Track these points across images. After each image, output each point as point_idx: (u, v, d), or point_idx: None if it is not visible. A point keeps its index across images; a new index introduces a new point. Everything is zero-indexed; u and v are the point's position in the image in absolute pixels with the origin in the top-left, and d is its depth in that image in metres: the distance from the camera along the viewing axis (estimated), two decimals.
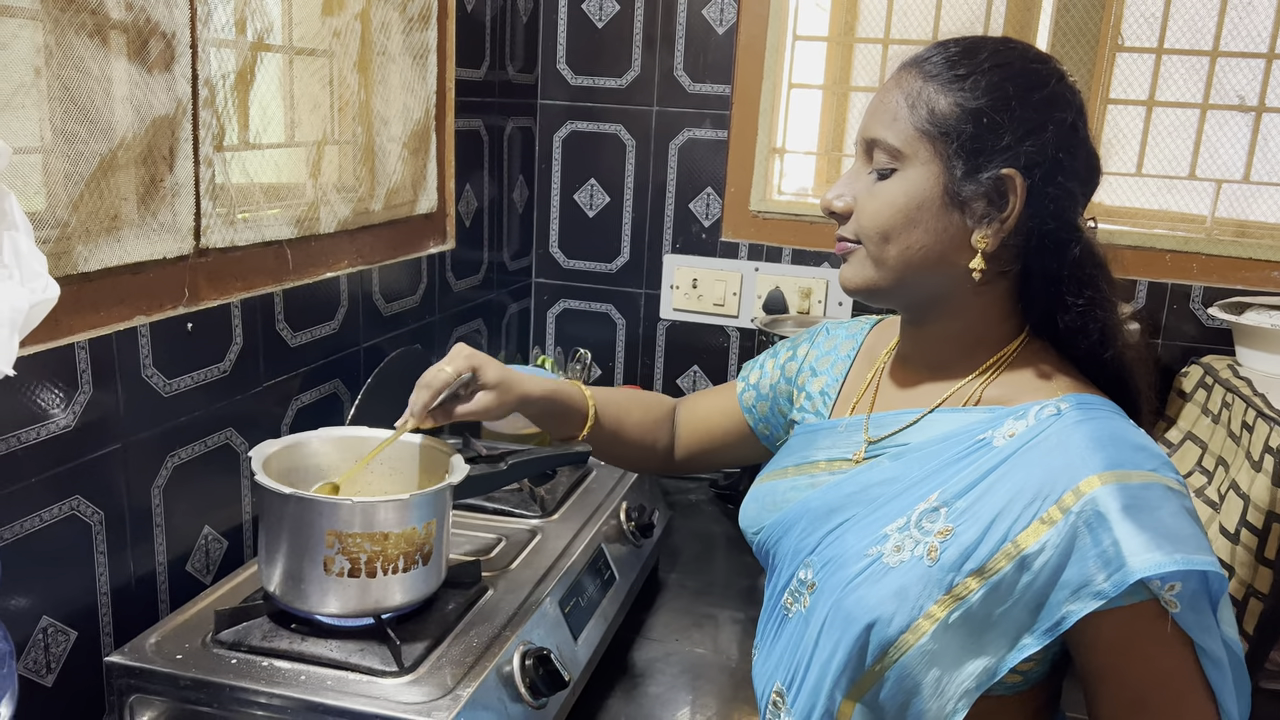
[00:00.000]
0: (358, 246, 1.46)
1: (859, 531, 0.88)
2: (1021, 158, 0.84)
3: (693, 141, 1.99)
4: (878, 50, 1.95)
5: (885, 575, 0.83)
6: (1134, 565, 0.74)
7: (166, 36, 1.06)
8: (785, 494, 0.99)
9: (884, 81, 0.92)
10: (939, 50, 0.88)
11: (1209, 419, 1.59)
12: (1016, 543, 0.78)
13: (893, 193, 0.87)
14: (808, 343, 1.14)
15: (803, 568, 0.92)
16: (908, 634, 0.81)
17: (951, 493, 0.84)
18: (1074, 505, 0.77)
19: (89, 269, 1.00)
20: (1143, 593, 0.75)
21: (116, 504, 1.07)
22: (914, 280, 0.89)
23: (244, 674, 0.97)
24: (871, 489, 0.90)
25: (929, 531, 0.83)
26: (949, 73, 0.86)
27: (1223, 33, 1.75)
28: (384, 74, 1.48)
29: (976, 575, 0.79)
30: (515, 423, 1.79)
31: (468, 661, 1.01)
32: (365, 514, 1.00)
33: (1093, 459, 0.78)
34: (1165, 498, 0.77)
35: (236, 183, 1.21)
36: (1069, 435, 0.81)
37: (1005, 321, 0.91)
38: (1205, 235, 1.80)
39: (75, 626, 1.03)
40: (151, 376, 1.09)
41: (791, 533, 0.95)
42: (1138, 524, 0.75)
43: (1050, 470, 0.79)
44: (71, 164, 0.98)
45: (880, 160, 0.88)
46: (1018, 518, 0.79)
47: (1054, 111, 0.85)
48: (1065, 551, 0.77)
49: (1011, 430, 0.84)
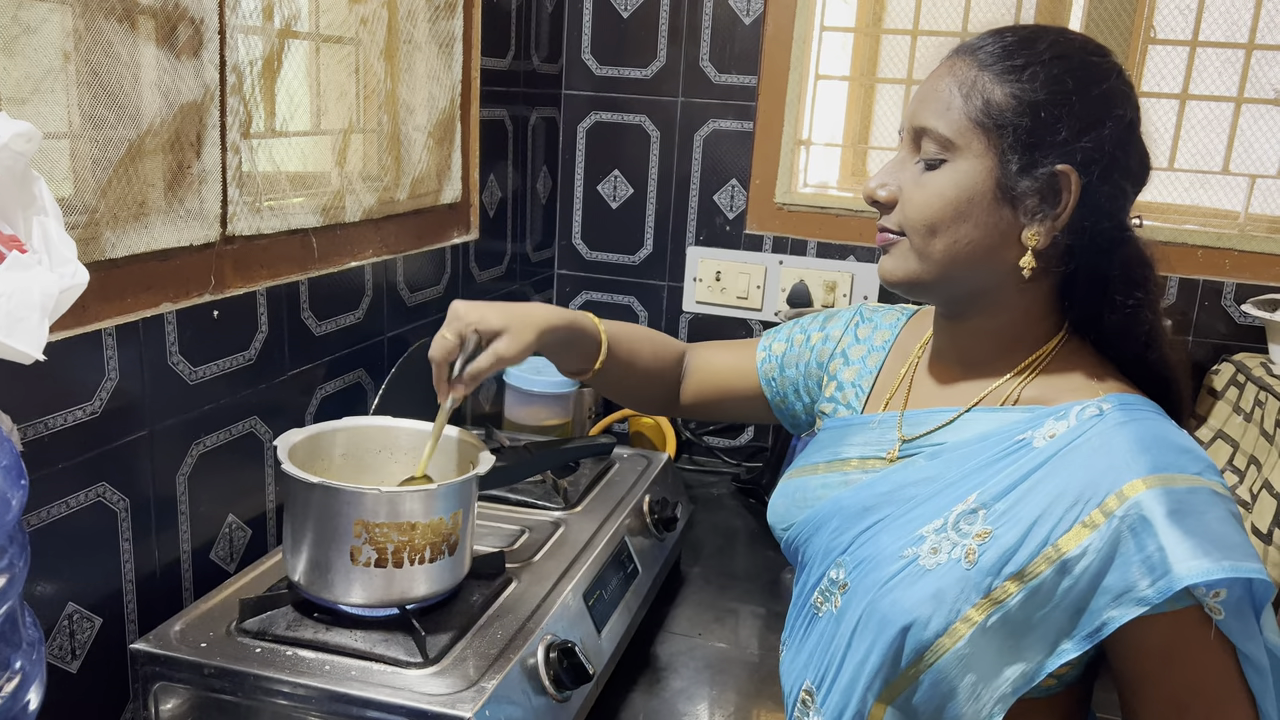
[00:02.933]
0: (382, 236, 1.46)
1: (894, 532, 0.86)
2: (1078, 154, 0.82)
3: (717, 133, 1.97)
4: (905, 42, 1.93)
5: (922, 577, 0.82)
6: (1180, 572, 0.72)
7: (195, 22, 1.06)
8: (817, 491, 0.97)
9: (935, 68, 0.89)
10: (994, 38, 0.86)
11: (1241, 417, 1.56)
12: (1057, 546, 0.77)
13: (942, 184, 0.84)
14: (841, 325, 1.10)
15: (834, 567, 0.90)
16: (944, 638, 0.79)
17: (990, 494, 0.82)
18: (1117, 509, 0.75)
19: (116, 255, 1.00)
20: (1186, 599, 0.74)
21: (142, 491, 1.07)
22: (958, 275, 0.87)
23: (268, 663, 0.97)
24: (907, 488, 0.88)
25: (967, 534, 0.81)
26: (1005, 62, 0.84)
27: (1259, 25, 1.72)
28: (410, 62, 1.47)
29: (1015, 579, 0.78)
30: (538, 414, 1.79)
31: (492, 654, 1.01)
32: (392, 504, 0.99)
33: (1137, 462, 0.77)
34: (1211, 502, 0.76)
35: (263, 170, 1.20)
36: (1112, 437, 0.79)
37: (1045, 319, 0.89)
38: (1238, 231, 1.77)
39: (100, 613, 1.03)
40: (177, 364, 1.09)
41: (823, 531, 0.93)
42: (1184, 529, 0.73)
43: (1093, 472, 0.78)
44: (100, 150, 0.97)
45: (929, 150, 0.85)
46: (1059, 521, 0.77)
47: (1113, 108, 0.83)
48: (1108, 556, 0.75)
49: (1052, 431, 0.82)
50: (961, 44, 0.88)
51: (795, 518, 0.99)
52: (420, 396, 1.48)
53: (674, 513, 1.45)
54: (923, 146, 0.86)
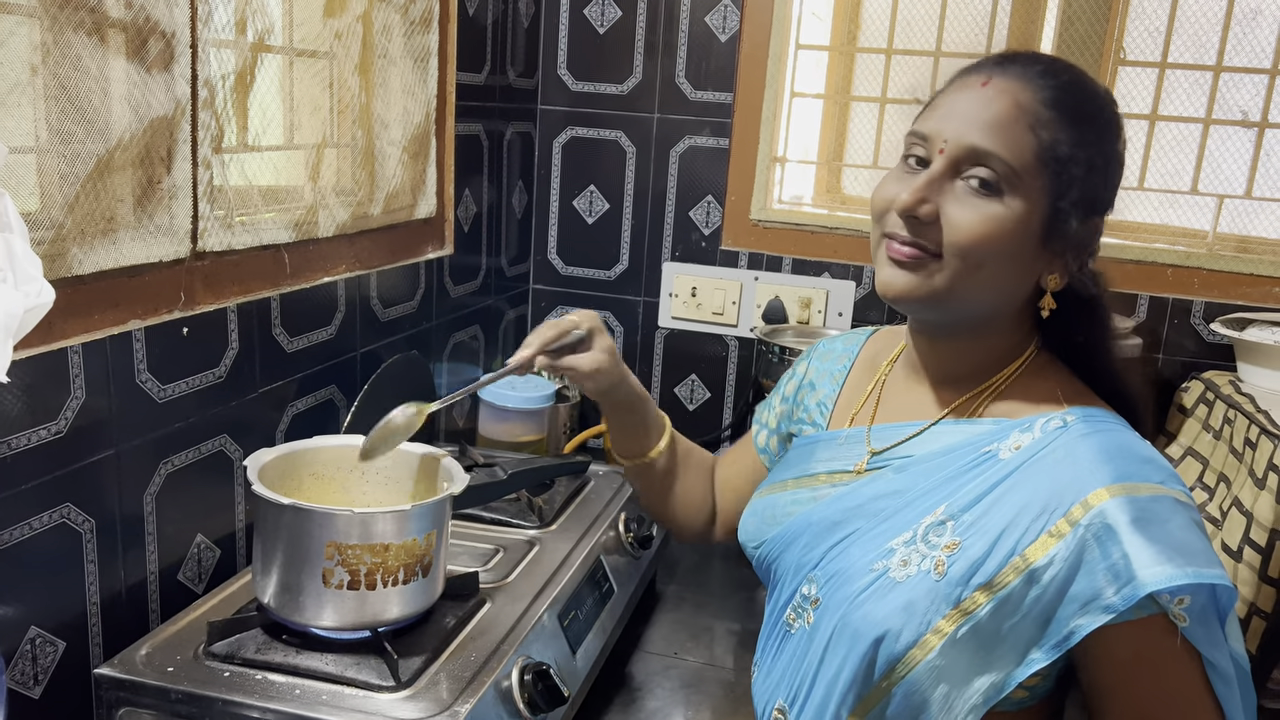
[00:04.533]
0: (356, 251, 1.44)
1: (864, 545, 0.87)
2: (1108, 205, 0.86)
3: (693, 149, 1.98)
4: (879, 61, 1.94)
5: (892, 590, 0.82)
6: (1144, 578, 0.73)
7: (166, 36, 1.04)
8: (786, 507, 0.97)
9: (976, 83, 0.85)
10: (1049, 74, 0.83)
11: (1210, 435, 1.58)
12: (1024, 556, 0.78)
13: (999, 216, 0.81)
14: (805, 360, 1.13)
15: (806, 583, 0.90)
16: (916, 649, 0.80)
17: (958, 506, 0.83)
18: (1082, 518, 0.76)
19: (83, 272, 0.98)
20: (1151, 607, 0.75)
21: (108, 512, 1.05)
22: (977, 307, 0.87)
23: (237, 687, 0.95)
24: (876, 501, 0.89)
25: (936, 545, 0.82)
26: (1073, 110, 0.82)
27: (1226, 48, 1.75)
28: (385, 77, 1.46)
29: (984, 589, 0.79)
30: (512, 430, 1.77)
31: (465, 676, 0.99)
32: (365, 525, 0.98)
33: (1101, 471, 0.78)
34: (1174, 510, 0.77)
35: (235, 185, 1.19)
36: (1076, 447, 0.80)
37: (1026, 339, 0.90)
38: (1207, 250, 1.79)
39: (64, 637, 1.01)
40: (146, 382, 1.07)
41: (793, 547, 0.93)
42: (1147, 537, 0.74)
43: (1058, 483, 0.79)
44: (67, 164, 0.96)
45: (982, 174, 0.82)
46: (1025, 531, 0.78)
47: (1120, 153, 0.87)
48: (1074, 565, 0.76)
49: (1018, 443, 0.84)
50: (1008, 64, 0.85)
51: (766, 535, 0.99)
52: None
53: (650, 530, 1.44)
54: (973, 170, 0.82)
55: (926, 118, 0.87)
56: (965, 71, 0.88)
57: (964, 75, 0.87)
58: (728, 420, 2.06)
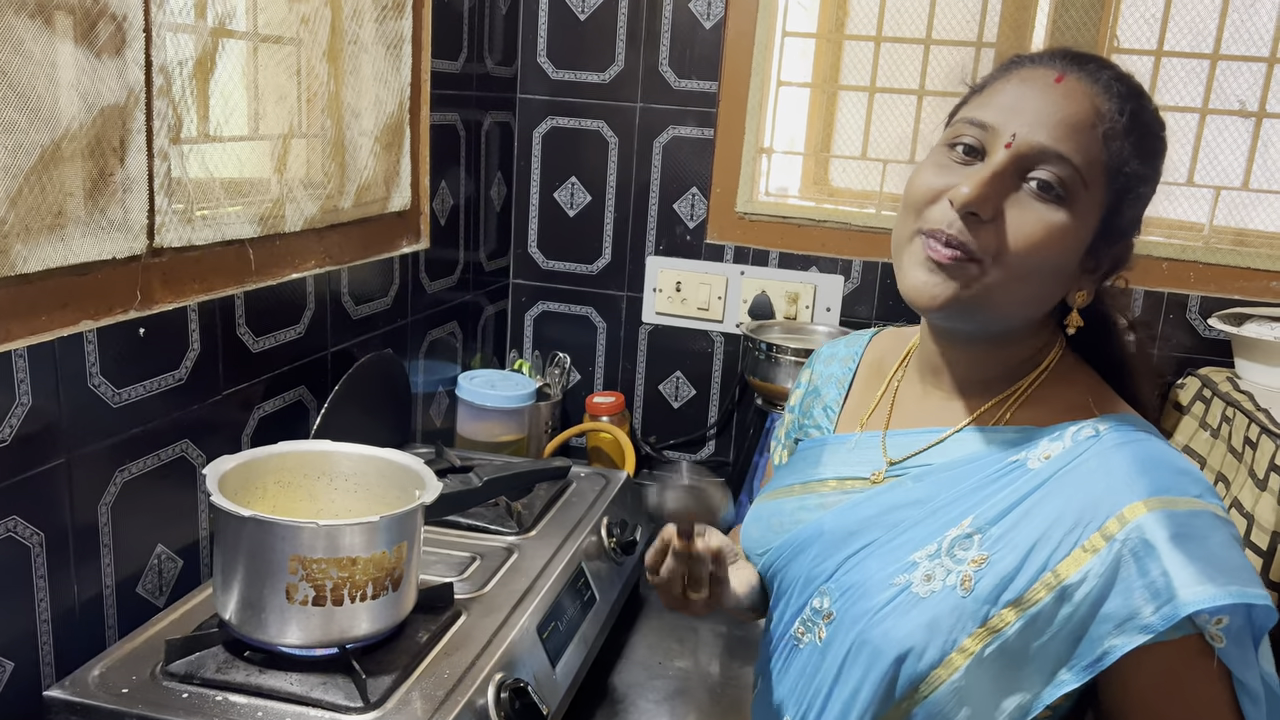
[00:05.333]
0: (326, 246, 1.38)
1: (883, 558, 0.82)
2: (1138, 226, 0.83)
3: (677, 140, 1.92)
4: (868, 48, 1.89)
5: (915, 606, 0.78)
6: (1185, 597, 0.70)
7: (117, 19, 0.98)
8: (793, 514, 0.93)
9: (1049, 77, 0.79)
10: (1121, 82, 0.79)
11: (1207, 433, 1.54)
12: (1056, 572, 0.74)
13: (1061, 225, 0.76)
14: (808, 368, 1.08)
15: (817, 595, 0.86)
16: (940, 669, 0.76)
17: (986, 518, 0.79)
18: (1118, 533, 0.73)
19: (29, 270, 0.92)
20: (1188, 627, 0.71)
21: (59, 524, 0.99)
22: (1006, 317, 0.82)
23: (196, 709, 0.90)
24: (895, 512, 0.84)
25: (962, 560, 0.78)
26: (1144, 125, 0.79)
27: (1224, 35, 1.71)
28: (355, 64, 1.40)
29: (1014, 606, 0.75)
30: (491, 429, 1.72)
31: (439, 695, 0.95)
32: (330, 538, 0.93)
33: (1137, 484, 0.74)
34: (1214, 526, 0.74)
35: (195, 177, 1.13)
36: (1110, 458, 0.77)
37: (1049, 342, 0.87)
38: (1203, 243, 1.76)
39: (11, 657, 0.95)
40: (99, 385, 1.01)
41: (803, 557, 0.89)
42: (1188, 554, 0.71)
43: (1092, 495, 0.75)
44: (10, 156, 0.90)
45: (1045, 176, 0.76)
46: (1058, 545, 0.75)
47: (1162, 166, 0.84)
48: (1108, 582, 0.72)
49: (1047, 452, 0.80)
50: (1083, 63, 0.80)
51: (771, 543, 0.94)
52: (365, 414, 1.41)
53: (634, 535, 1.39)
54: (1037, 171, 0.77)
55: (984, 106, 0.80)
56: (1029, 61, 0.82)
57: (1029, 66, 0.81)
58: (713, 418, 2.02)
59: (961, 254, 0.77)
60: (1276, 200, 1.78)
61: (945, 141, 0.81)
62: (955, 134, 0.80)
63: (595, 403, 1.94)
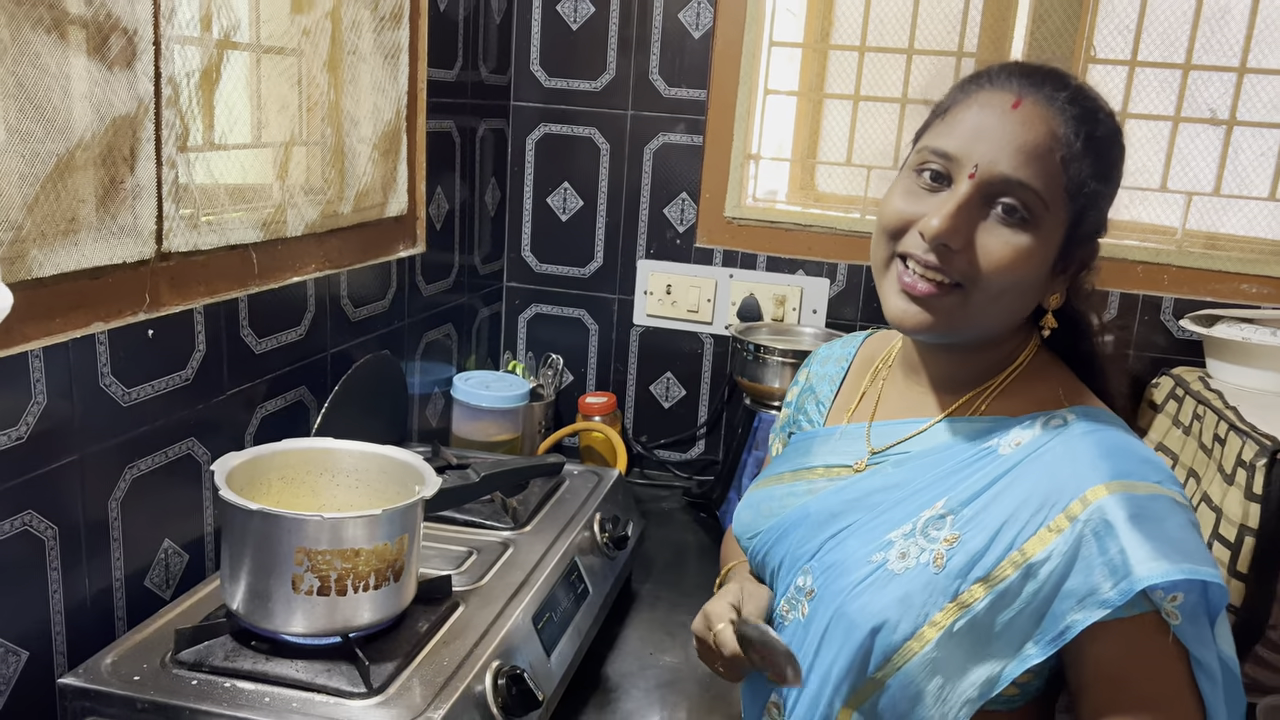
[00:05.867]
0: (325, 250, 1.42)
1: (861, 537, 0.87)
2: (1105, 228, 0.87)
3: (667, 146, 1.97)
4: (852, 58, 1.94)
5: (890, 581, 0.83)
6: (1140, 573, 0.74)
7: (128, 33, 1.02)
8: (782, 500, 0.98)
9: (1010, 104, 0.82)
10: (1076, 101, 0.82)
11: (1180, 430, 1.59)
12: (1023, 551, 0.79)
13: (1029, 247, 0.81)
14: (806, 367, 1.14)
15: (801, 574, 0.91)
16: (912, 641, 0.81)
17: (958, 500, 0.83)
18: (1081, 514, 0.77)
19: (44, 274, 0.96)
20: (1145, 604, 0.76)
21: (71, 518, 1.03)
22: (988, 328, 0.87)
23: (205, 696, 0.94)
24: (874, 495, 0.89)
25: (935, 539, 0.82)
26: (1099, 140, 0.82)
27: (1195, 46, 1.76)
28: (354, 74, 1.44)
29: (983, 583, 0.79)
30: (486, 429, 1.76)
31: (438, 682, 0.98)
32: (335, 530, 0.97)
33: (1100, 468, 0.79)
34: (1171, 510, 0.78)
35: (200, 184, 1.17)
36: (1076, 445, 0.81)
37: (1025, 341, 0.91)
38: (1176, 247, 1.81)
39: (27, 647, 0.99)
40: (110, 385, 1.05)
41: (789, 538, 0.94)
42: (1145, 533, 0.75)
43: (1057, 479, 0.80)
44: (26, 164, 0.94)
45: (1010, 202, 0.81)
46: (1024, 526, 0.79)
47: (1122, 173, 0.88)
48: (1071, 560, 0.77)
49: (1018, 439, 0.84)
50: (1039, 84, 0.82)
51: (760, 527, 0.99)
52: (364, 414, 1.45)
53: (625, 530, 1.43)
54: (1002, 197, 0.81)
55: (947, 133, 0.84)
56: (988, 83, 0.84)
57: (988, 89, 0.84)
58: (703, 418, 2.06)
59: (937, 288, 0.82)
60: (1247, 205, 1.84)
61: (913, 166, 0.85)
62: (922, 160, 0.84)
63: (587, 403, 1.99)
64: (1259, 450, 1.31)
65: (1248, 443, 1.34)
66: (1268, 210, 1.83)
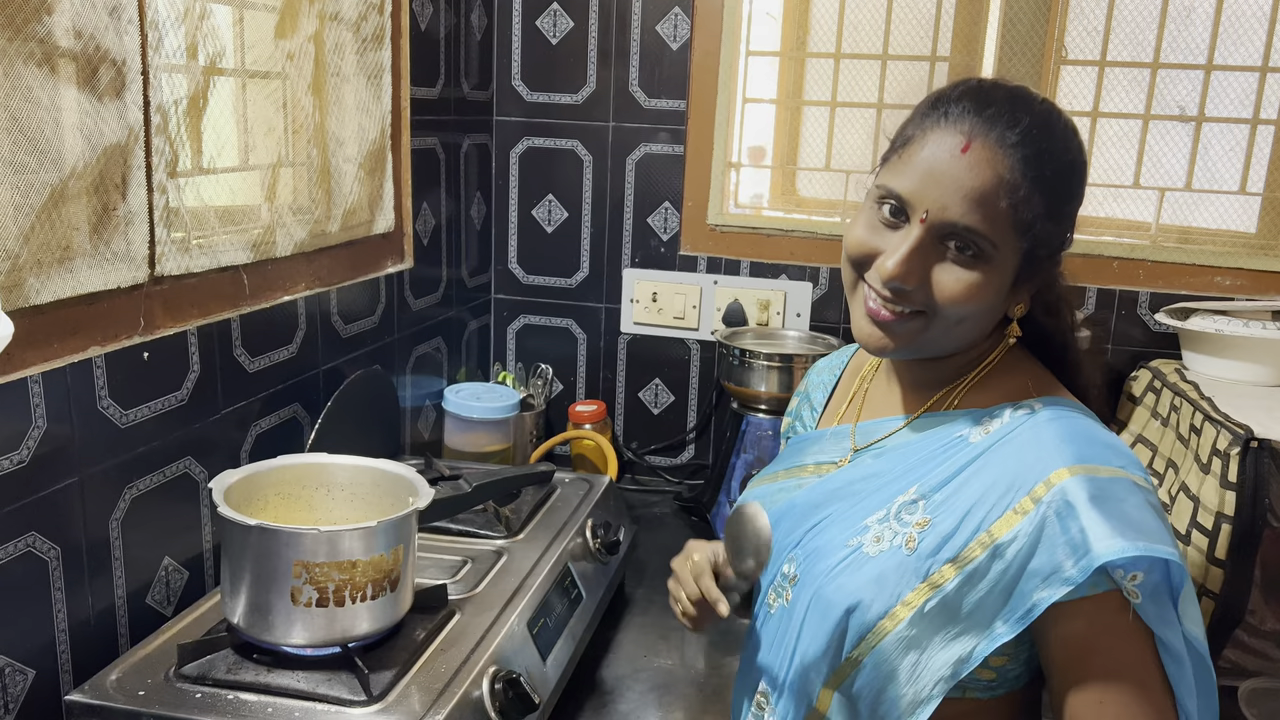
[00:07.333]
0: (315, 269, 1.45)
1: (841, 524, 0.91)
2: (1069, 240, 0.90)
3: (649, 156, 2.00)
4: (829, 65, 1.97)
5: (865, 564, 0.87)
6: (1099, 550, 0.77)
7: (117, 64, 1.05)
8: (774, 496, 1.02)
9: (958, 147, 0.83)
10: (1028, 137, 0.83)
11: (1158, 422, 1.63)
12: (990, 532, 0.82)
13: (980, 281, 0.85)
14: (805, 379, 1.19)
15: (786, 562, 0.95)
16: (885, 620, 0.84)
17: (930, 485, 0.87)
18: (1045, 495, 0.80)
19: (41, 301, 0.98)
20: (1106, 583, 0.78)
21: (73, 539, 1.05)
22: (953, 346, 0.92)
23: (209, 709, 0.96)
24: (854, 484, 0.94)
25: (908, 523, 0.86)
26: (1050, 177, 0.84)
27: (1163, 45, 1.80)
28: (338, 95, 1.47)
29: (952, 564, 0.83)
30: (478, 440, 1.79)
31: (436, 688, 1.01)
32: (331, 543, 0.99)
33: (1064, 452, 0.82)
34: (1131, 491, 0.81)
35: (191, 207, 1.19)
36: (1042, 431, 0.85)
37: (995, 341, 0.95)
38: (1150, 242, 1.84)
39: (33, 665, 1.01)
40: (108, 408, 1.08)
41: (776, 530, 0.97)
42: (1104, 513, 0.78)
43: (1023, 463, 0.83)
44: (21, 195, 0.96)
45: (964, 245, 0.84)
46: (992, 508, 0.82)
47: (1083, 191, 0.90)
48: (1035, 539, 0.80)
49: (987, 428, 0.88)
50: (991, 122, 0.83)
51: None
52: (357, 429, 1.48)
53: (617, 536, 1.46)
54: (953, 241, 0.84)
55: (901, 173, 0.86)
56: (943, 118, 0.85)
57: (942, 127, 0.85)
58: (692, 423, 2.09)
59: (897, 316, 0.87)
60: (1217, 199, 1.88)
61: (874, 199, 0.89)
62: (880, 195, 0.88)
63: (578, 411, 2.01)
64: (1233, 439, 1.35)
65: (1222, 432, 1.38)
66: (1238, 203, 1.86)
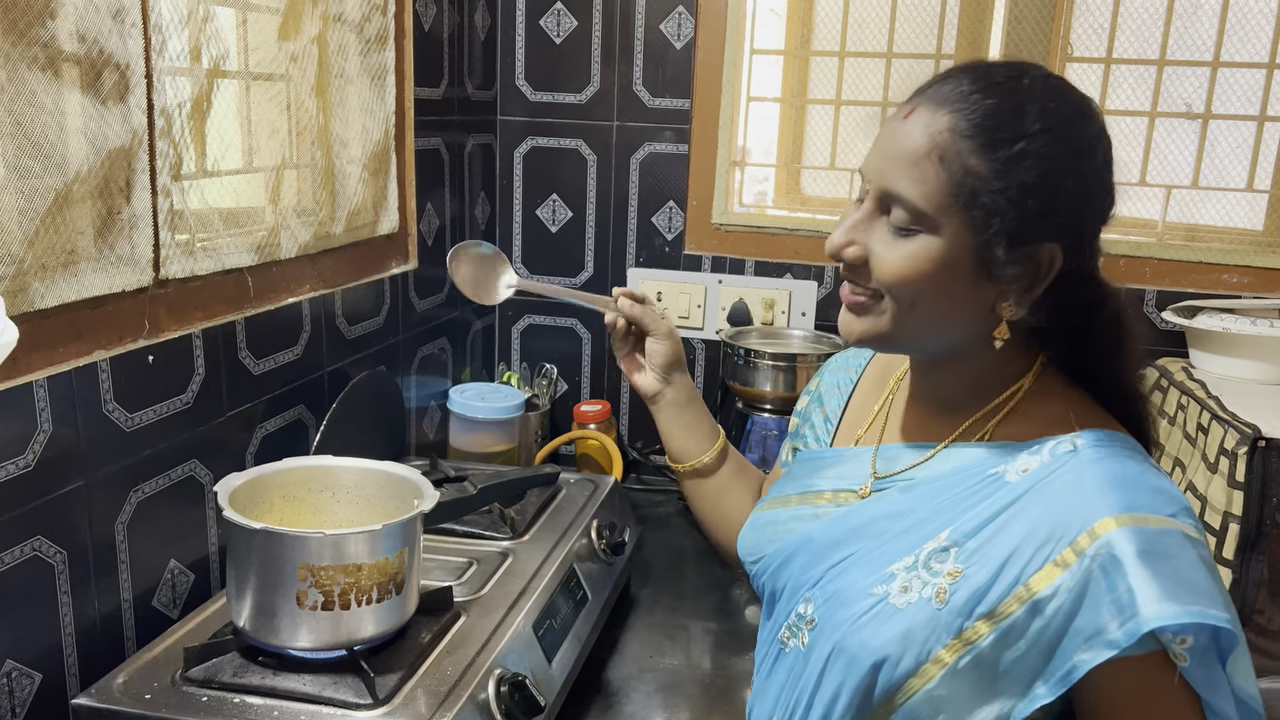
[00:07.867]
0: (319, 270, 1.45)
1: (864, 568, 0.85)
2: (1065, 233, 0.80)
3: (654, 155, 2.00)
4: (833, 63, 1.97)
5: (892, 617, 0.80)
6: (1147, 614, 0.71)
7: (120, 67, 1.05)
8: (787, 524, 0.97)
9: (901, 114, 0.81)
10: (973, 97, 0.78)
11: (1165, 421, 1.62)
12: (1028, 586, 0.75)
13: (915, 254, 0.80)
14: (818, 376, 1.13)
15: (803, 602, 0.89)
16: (915, 678, 0.78)
17: (962, 532, 0.80)
18: (1088, 548, 0.74)
19: (46, 306, 0.98)
20: (1152, 644, 0.72)
21: (79, 542, 1.05)
22: (932, 340, 0.86)
23: (215, 712, 0.96)
24: (878, 523, 0.87)
25: (938, 572, 0.80)
26: (991, 135, 0.77)
27: (1169, 42, 1.79)
28: (342, 96, 1.47)
29: (987, 619, 0.76)
30: (483, 440, 1.79)
31: (442, 691, 1.01)
32: (337, 546, 0.99)
33: (1109, 499, 0.75)
34: (1183, 546, 0.74)
35: (195, 210, 1.19)
36: (1085, 473, 0.78)
37: (1020, 358, 0.88)
38: (1157, 240, 1.84)
39: (40, 669, 1.01)
40: (113, 411, 1.08)
41: (791, 565, 0.93)
42: (1154, 571, 0.72)
43: (1065, 510, 0.76)
44: (26, 200, 0.96)
45: (899, 218, 0.80)
46: (1030, 559, 0.76)
47: (1103, 183, 0.82)
48: (1079, 596, 0.74)
49: (1025, 466, 0.81)
50: (932, 88, 0.81)
51: (764, 550, 0.98)
52: (363, 431, 1.48)
53: (623, 536, 1.46)
54: (893, 211, 0.81)
55: (870, 151, 0.85)
56: (916, 93, 0.84)
57: (906, 102, 0.84)
58: None
59: (860, 299, 0.85)
60: (1224, 196, 1.87)
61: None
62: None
63: (582, 411, 2.01)
64: (1240, 439, 1.34)
65: (1229, 431, 1.37)
66: (1245, 201, 1.86)
